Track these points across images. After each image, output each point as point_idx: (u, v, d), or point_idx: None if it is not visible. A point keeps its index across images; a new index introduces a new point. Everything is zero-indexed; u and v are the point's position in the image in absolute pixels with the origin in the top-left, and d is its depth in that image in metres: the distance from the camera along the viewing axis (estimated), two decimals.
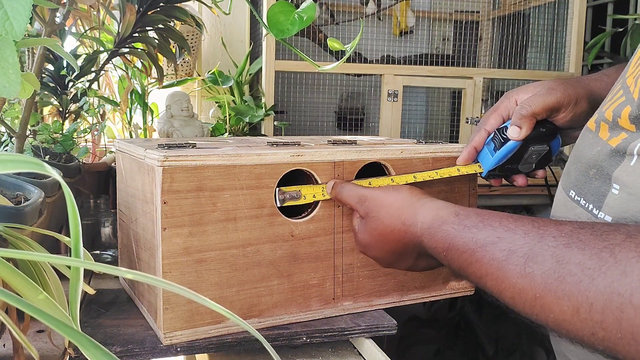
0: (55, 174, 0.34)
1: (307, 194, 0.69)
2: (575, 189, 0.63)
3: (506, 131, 0.72)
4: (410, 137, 1.81)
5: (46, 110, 1.12)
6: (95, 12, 1.06)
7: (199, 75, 1.57)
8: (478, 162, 0.76)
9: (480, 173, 0.76)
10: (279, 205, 0.67)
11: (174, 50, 1.09)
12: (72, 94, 1.06)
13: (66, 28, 1.02)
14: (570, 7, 1.65)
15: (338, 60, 0.82)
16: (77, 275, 0.37)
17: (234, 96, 1.47)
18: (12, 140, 0.82)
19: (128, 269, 0.31)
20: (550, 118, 0.72)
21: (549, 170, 1.61)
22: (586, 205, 0.60)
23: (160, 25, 1.01)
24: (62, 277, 0.47)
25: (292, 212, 0.70)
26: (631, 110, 0.56)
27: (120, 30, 0.98)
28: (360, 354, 0.69)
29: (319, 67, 0.76)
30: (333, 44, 0.75)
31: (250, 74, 1.55)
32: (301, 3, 0.71)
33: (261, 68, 1.46)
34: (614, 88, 0.64)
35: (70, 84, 1.03)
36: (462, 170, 0.75)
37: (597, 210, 0.58)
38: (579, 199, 0.61)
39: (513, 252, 0.49)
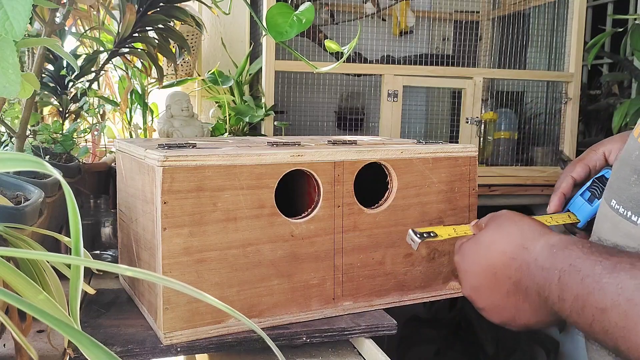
0: (55, 173, 0.34)
1: (442, 234, 0.67)
2: (616, 198, 0.60)
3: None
4: (410, 137, 1.80)
5: (46, 110, 1.12)
6: (95, 12, 1.06)
7: (199, 75, 1.57)
8: (568, 210, 0.76)
9: (577, 223, 0.75)
10: (419, 242, 0.65)
11: (174, 50, 1.09)
12: (72, 94, 1.06)
13: (66, 28, 1.02)
14: (570, 7, 1.65)
15: (338, 60, 0.81)
16: (77, 274, 0.37)
17: (234, 96, 1.47)
18: (12, 140, 0.82)
19: (128, 267, 0.31)
20: None
21: (548, 169, 1.61)
22: (625, 213, 0.57)
23: (160, 25, 1.01)
24: (62, 277, 0.47)
25: (292, 212, 0.70)
26: None
27: (120, 30, 0.98)
28: (360, 354, 0.69)
29: (317, 68, 0.77)
30: (330, 45, 0.75)
31: (250, 74, 1.55)
32: (300, 4, 0.71)
33: (261, 68, 1.46)
34: None
35: (70, 84, 1.03)
36: (558, 221, 0.74)
37: (637, 217, 0.55)
38: (618, 207, 0.59)
39: None
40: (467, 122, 1.58)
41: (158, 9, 0.99)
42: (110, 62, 1.04)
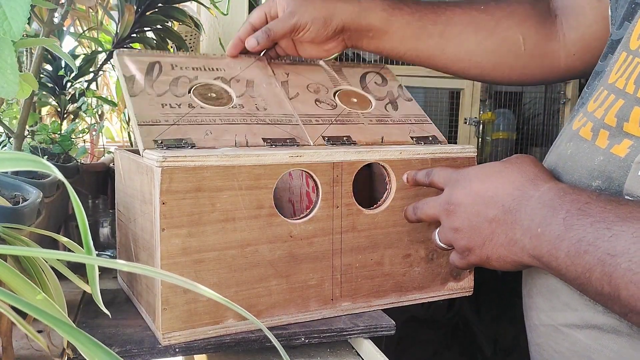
0: (56, 171, 0.34)
1: None
2: None
3: None
4: None
5: (44, 110, 1.12)
6: (93, 13, 1.06)
7: None
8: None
9: None
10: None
11: (172, 51, 1.09)
12: (71, 95, 1.06)
13: (64, 28, 1.02)
14: None
15: (338, 60, 0.81)
16: (92, 271, 0.38)
17: None
18: (10, 140, 0.82)
19: (126, 262, 0.31)
20: (292, 36, 0.82)
21: None
22: None
23: (159, 26, 1.01)
24: (60, 277, 0.47)
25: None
26: None
27: (118, 30, 0.98)
28: (358, 354, 0.69)
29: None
30: None
31: None
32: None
33: None
34: (593, 91, 0.63)
35: (69, 84, 1.03)
36: None
37: None
38: None
39: None
40: (466, 123, 1.59)
41: (156, 10, 0.99)
42: (108, 62, 1.04)
